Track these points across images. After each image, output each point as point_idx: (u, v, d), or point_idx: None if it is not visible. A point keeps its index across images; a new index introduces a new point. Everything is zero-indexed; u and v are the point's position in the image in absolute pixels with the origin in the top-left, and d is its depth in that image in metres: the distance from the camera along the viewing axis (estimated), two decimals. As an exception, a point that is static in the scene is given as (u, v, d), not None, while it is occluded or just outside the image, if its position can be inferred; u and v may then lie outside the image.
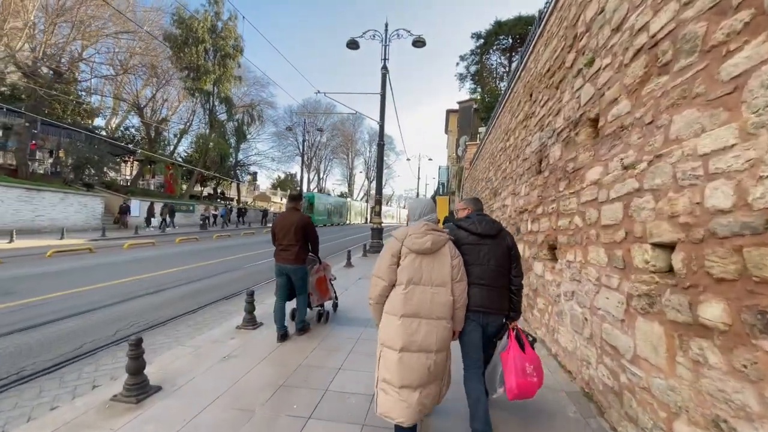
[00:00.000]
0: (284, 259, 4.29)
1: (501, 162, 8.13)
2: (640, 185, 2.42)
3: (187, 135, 33.60)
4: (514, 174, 6.60)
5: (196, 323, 5.26)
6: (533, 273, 4.86)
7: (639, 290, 2.39)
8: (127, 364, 2.94)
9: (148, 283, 7.70)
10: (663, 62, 2.33)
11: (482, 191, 11.50)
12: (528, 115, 5.91)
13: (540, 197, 4.75)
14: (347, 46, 13.84)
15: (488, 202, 9.78)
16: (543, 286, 4.43)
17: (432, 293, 2.28)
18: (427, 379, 2.24)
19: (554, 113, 4.47)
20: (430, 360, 2.23)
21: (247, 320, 4.65)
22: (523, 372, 2.42)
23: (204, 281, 8.32)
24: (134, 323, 5.14)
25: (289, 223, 4.31)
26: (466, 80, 27.27)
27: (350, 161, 68.00)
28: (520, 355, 2.45)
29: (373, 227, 14.00)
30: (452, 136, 39.46)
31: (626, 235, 2.56)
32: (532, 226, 4.99)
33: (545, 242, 4.37)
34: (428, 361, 2.23)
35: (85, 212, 19.53)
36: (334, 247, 17.05)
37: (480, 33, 25.15)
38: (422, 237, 2.32)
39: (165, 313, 5.65)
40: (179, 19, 26.73)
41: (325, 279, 5.09)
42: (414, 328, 2.23)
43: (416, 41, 13.26)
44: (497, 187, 8.40)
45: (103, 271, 8.94)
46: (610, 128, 2.95)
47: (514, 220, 6.12)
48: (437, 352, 2.26)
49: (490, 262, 2.54)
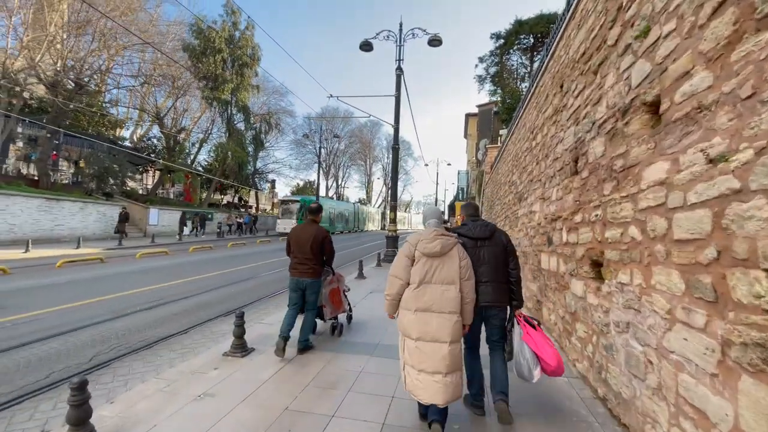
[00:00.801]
0: (301, 272, 4.16)
1: (526, 163, 7.37)
2: (743, 185, 1.69)
3: (206, 144, 33.97)
4: (542, 176, 5.84)
5: (183, 347, 4.72)
6: (570, 293, 4.09)
7: (745, 337, 1.64)
8: (67, 413, 2.39)
9: (148, 297, 7.29)
10: (765, 12, 1.63)
11: (505, 196, 10.70)
12: (558, 109, 5.17)
13: (577, 202, 4.00)
14: (360, 48, 13.37)
15: (512, 208, 8.98)
16: (584, 311, 3.67)
17: (442, 290, 2.54)
18: (444, 367, 2.45)
19: (593, 102, 3.74)
20: (444, 350, 2.46)
21: (235, 346, 4.06)
22: (550, 345, 2.74)
23: (207, 294, 7.86)
24: (116, 346, 4.65)
25: (306, 236, 4.17)
26: (485, 82, 26.48)
27: (368, 168, 67.80)
28: (536, 333, 2.81)
29: (388, 235, 13.29)
30: (472, 140, 38.60)
31: (719, 255, 1.82)
32: (568, 237, 4.23)
33: (586, 257, 3.62)
34: (442, 350, 2.46)
35: (104, 221, 19.69)
36: (346, 257, 16.47)
37: (499, 33, 24.37)
38: (432, 242, 2.61)
39: (154, 334, 5.16)
40: (197, 30, 27.07)
41: (339, 290, 4.84)
42: (426, 320, 2.51)
43: (432, 40, 12.65)
44: (522, 191, 7.63)
45: (108, 283, 8.62)
46: (680, 111, 2.23)
47: (545, 229, 5.35)
48: (450, 343, 2.49)
49: (489, 261, 2.86)
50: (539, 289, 5.62)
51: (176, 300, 7.19)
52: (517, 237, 7.68)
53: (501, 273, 2.88)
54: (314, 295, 4.24)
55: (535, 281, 5.88)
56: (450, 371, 2.46)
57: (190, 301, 7.17)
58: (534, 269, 5.95)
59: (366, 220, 51.99)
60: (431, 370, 2.45)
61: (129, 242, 17.56)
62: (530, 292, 6.26)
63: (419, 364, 2.49)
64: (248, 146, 33.81)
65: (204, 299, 7.41)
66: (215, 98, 28.17)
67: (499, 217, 11.63)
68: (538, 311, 5.67)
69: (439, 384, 2.43)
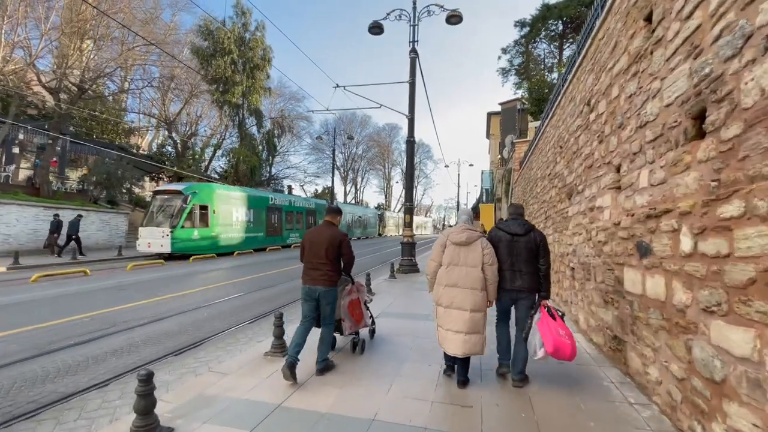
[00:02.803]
0: (313, 279, 3.72)
1: (579, 146, 5.57)
2: None
3: (219, 149, 33.24)
4: (614, 156, 4.06)
5: (77, 422, 3.16)
6: (708, 344, 2.29)
7: None
8: None
9: (98, 324, 5.86)
10: None
11: (543, 192, 8.83)
12: (643, 53, 3.45)
13: (715, 184, 2.25)
14: (369, 31, 11.82)
15: (556, 206, 7.15)
16: (754, 385, 1.88)
17: (467, 271, 3.32)
18: (465, 328, 3.24)
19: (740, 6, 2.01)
20: (466, 315, 3.25)
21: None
22: (556, 333, 3.15)
23: (172, 319, 6.38)
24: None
25: (321, 238, 3.77)
26: (509, 75, 24.54)
27: (387, 172, 66.36)
28: (552, 322, 3.24)
29: (404, 241, 11.53)
30: (494, 139, 36.55)
31: None
32: (701, 245, 2.43)
33: (763, 283, 1.85)
34: (464, 315, 3.26)
35: (108, 230, 18.81)
36: (356, 265, 14.84)
37: (524, 20, 22.42)
38: (460, 234, 3.41)
39: (52, 390, 3.66)
40: (206, 31, 26.33)
41: (359, 302, 4.31)
42: (453, 293, 3.32)
43: (451, 16, 10.96)
44: (574, 183, 5.81)
45: (73, 302, 7.32)
46: None
47: (632, 231, 3.54)
48: (472, 311, 3.26)
49: (521, 254, 3.40)
50: (618, 320, 3.81)
51: (132, 327, 5.74)
52: (570, 243, 5.85)
53: (532, 265, 3.39)
54: (330, 306, 3.77)
55: (609, 308, 4.07)
56: (469, 332, 3.25)
57: (146, 330, 5.70)
58: (606, 290, 4.14)
59: (384, 225, 50.14)
60: (455, 329, 3.27)
61: (129, 252, 16.47)
62: (598, 320, 4.44)
63: (446, 324, 3.33)
64: (261, 151, 32.83)
65: (164, 328, 5.92)
66: (225, 101, 27.29)
67: (537, 217, 9.75)
68: (618, 352, 3.85)
69: (460, 340, 3.25)
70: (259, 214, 21.21)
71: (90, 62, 19.62)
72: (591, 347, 4.53)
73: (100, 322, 5.90)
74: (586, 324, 4.95)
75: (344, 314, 4.10)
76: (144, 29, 21.42)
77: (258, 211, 21.06)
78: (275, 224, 22.78)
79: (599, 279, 4.35)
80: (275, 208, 22.78)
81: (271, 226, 22.29)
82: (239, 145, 29.91)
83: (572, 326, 5.28)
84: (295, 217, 25.11)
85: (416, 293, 8.22)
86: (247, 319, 6.38)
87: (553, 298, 6.93)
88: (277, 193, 27.75)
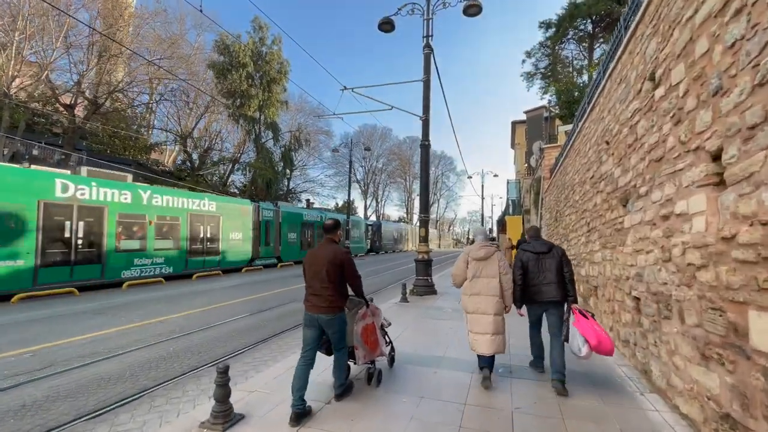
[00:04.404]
0: (315, 306, 3.32)
1: (639, 135, 4.21)
2: None
3: (238, 163, 33.07)
4: (712, 136, 2.71)
5: None
6: None
7: None
8: None
9: (63, 354, 4.88)
10: None
11: (584, 200, 7.37)
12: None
13: None
14: (379, 28, 10.82)
15: (603, 215, 5.71)
16: None
17: (487, 281, 3.89)
18: (490, 330, 3.78)
19: None
20: (489, 318, 3.80)
21: None
22: (595, 327, 3.53)
23: (159, 347, 5.32)
24: None
25: (321, 259, 3.35)
26: (534, 79, 23.14)
27: (408, 185, 65.23)
28: (586, 320, 3.61)
29: (419, 258, 10.16)
30: (520, 149, 34.89)
31: None
32: None
33: None
34: (488, 319, 3.80)
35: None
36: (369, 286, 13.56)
37: (550, 21, 21.07)
38: (479, 251, 3.99)
39: None
40: (223, 46, 26.33)
41: (374, 328, 3.86)
42: (477, 301, 3.89)
43: (470, 6, 9.83)
44: (631, 184, 4.42)
45: (45, 328, 6.44)
46: None
47: (759, 251, 2.17)
48: (494, 315, 3.81)
49: (549, 268, 3.92)
50: (735, 392, 2.39)
51: (95, 361, 4.70)
52: (631, 264, 4.40)
53: (559, 275, 3.89)
54: (337, 334, 3.41)
55: (713, 367, 2.65)
56: (494, 333, 3.78)
57: (110, 366, 4.64)
58: (708, 341, 2.73)
59: (402, 240, 48.49)
60: (482, 331, 3.81)
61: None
62: (691, 382, 3.01)
63: (474, 327, 3.87)
64: (277, 164, 32.38)
65: (144, 357, 4.85)
66: (241, 115, 27.04)
67: (575, 230, 8.26)
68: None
69: (488, 341, 3.77)
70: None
71: (113, 79, 19.83)
72: (678, 421, 3.09)
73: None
74: (665, 382, 3.50)
75: (357, 342, 3.61)
76: (169, 50, 21.85)
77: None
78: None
79: (692, 321, 2.94)
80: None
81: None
82: (255, 159, 29.54)
83: (643, 383, 3.95)
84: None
85: (432, 323, 6.74)
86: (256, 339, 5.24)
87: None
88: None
